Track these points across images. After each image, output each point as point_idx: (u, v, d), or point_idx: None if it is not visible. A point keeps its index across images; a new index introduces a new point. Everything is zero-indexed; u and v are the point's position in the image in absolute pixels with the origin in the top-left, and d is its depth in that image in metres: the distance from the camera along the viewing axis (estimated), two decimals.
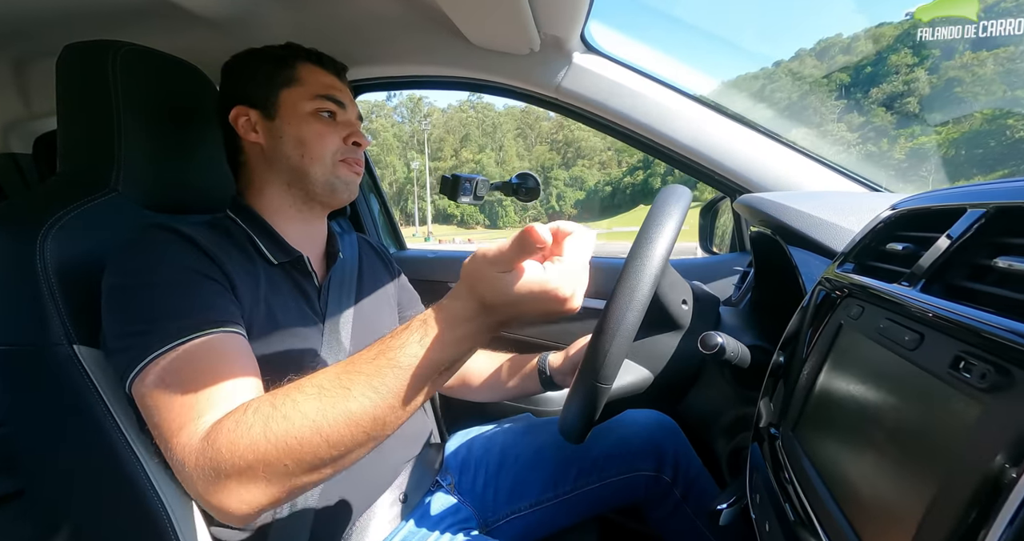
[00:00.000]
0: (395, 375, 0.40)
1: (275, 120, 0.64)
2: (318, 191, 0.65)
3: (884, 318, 0.32)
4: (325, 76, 0.66)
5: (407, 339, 0.40)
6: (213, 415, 0.42)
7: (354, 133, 0.66)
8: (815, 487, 0.33)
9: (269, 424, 0.39)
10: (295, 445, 0.39)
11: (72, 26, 0.84)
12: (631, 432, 0.77)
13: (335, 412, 0.39)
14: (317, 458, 0.39)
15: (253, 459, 0.39)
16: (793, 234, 0.59)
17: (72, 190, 0.59)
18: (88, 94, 0.61)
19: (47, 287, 0.52)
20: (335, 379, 0.40)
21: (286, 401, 0.40)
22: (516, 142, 79.77)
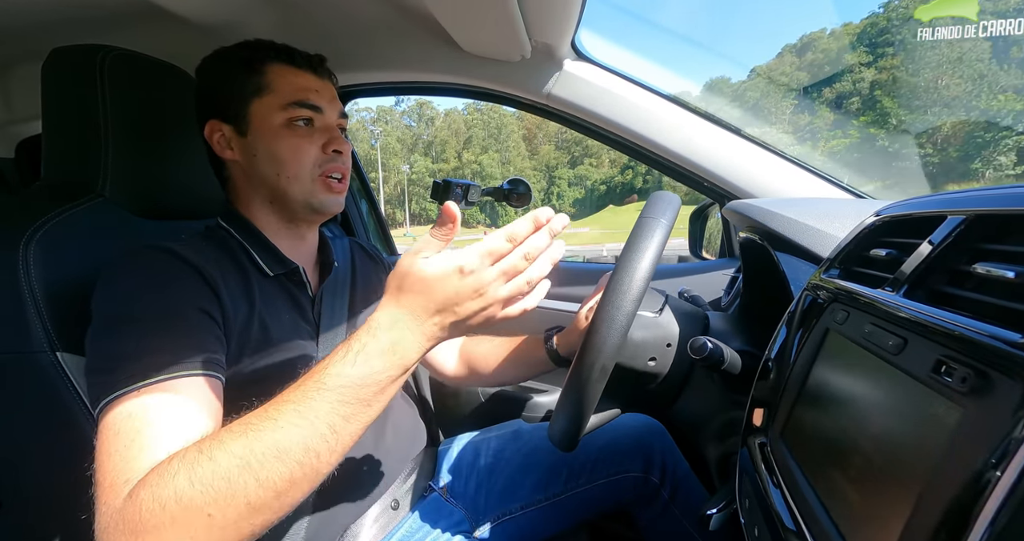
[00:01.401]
0: (322, 398, 0.37)
1: (248, 136, 0.59)
2: (298, 210, 0.61)
3: (869, 323, 0.33)
4: (298, 76, 0.60)
5: (332, 359, 0.39)
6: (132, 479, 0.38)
7: (333, 139, 0.61)
8: (803, 491, 0.33)
9: (194, 468, 0.36)
10: (223, 487, 0.35)
11: (56, 30, 0.84)
12: (620, 435, 0.77)
13: (262, 446, 0.36)
14: (248, 501, 0.36)
15: (178, 510, 0.35)
16: (780, 240, 0.59)
17: (57, 195, 0.58)
18: (75, 98, 0.61)
19: (29, 294, 0.51)
20: (262, 413, 0.38)
21: (213, 443, 0.37)
22: (522, 142, 79.71)
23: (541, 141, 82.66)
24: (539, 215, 0.42)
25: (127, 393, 0.42)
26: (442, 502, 0.71)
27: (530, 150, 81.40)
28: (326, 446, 0.37)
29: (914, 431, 0.26)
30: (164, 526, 0.35)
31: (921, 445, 0.25)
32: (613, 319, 0.43)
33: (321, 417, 0.37)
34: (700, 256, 1.17)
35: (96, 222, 0.58)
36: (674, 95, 0.93)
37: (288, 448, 0.36)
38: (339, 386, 0.38)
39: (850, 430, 0.32)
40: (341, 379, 0.38)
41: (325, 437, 0.37)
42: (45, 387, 0.52)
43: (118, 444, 0.40)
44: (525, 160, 78.59)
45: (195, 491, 0.35)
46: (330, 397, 0.37)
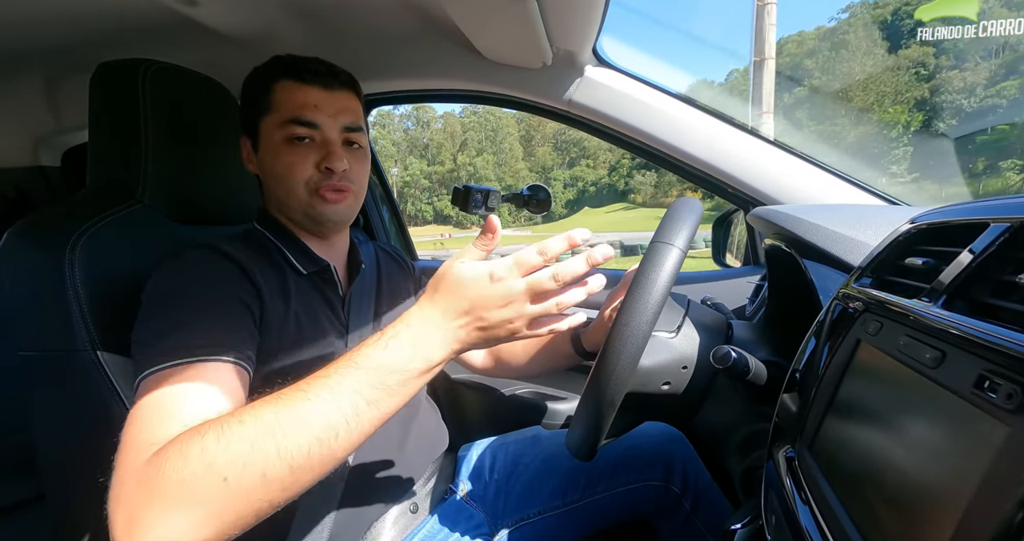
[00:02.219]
0: (351, 377, 0.39)
1: (259, 152, 0.63)
2: (302, 221, 0.63)
3: (904, 335, 0.32)
4: (300, 92, 0.60)
5: (366, 343, 0.41)
6: (149, 450, 0.39)
7: (329, 155, 0.60)
8: (833, 509, 0.32)
9: (223, 428, 0.37)
10: (245, 451, 0.36)
11: (100, 44, 0.88)
12: (640, 443, 0.76)
13: (288, 415, 0.38)
14: (264, 471, 0.36)
15: (199, 467, 0.36)
16: (808, 247, 0.58)
17: (100, 202, 0.61)
18: (119, 110, 0.64)
19: (74, 295, 0.54)
20: (295, 386, 0.40)
21: (245, 409, 0.39)
22: (519, 144, 79.76)
23: (539, 142, 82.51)
24: (573, 235, 0.42)
25: (160, 370, 0.45)
26: (462, 505, 0.71)
27: (527, 151, 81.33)
28: (346, 427, 0.38)
29: (955, 449, 0.24)
30: (181, 483, 0.35)
31: (963, 464, 0.23)
32: (621, 352, 0.42)
33: (347, 395, 0.39)
34: (724, 264, 1.15)
35: (135, 227, 0.61)
36: (697, 100, 0.92)
37: (311, 421, 0.38)
38: (369, 367, 0.39)
39: (884, 446, 0.30)
40: (371, 361, 0.40)
41: (347, 417, 0.38)
42: (87, 385, 0.54)
43: (145, 414, 0.42)
44: (520, 161, 78.51)
45: (219, 448, 0.36)
46: (359, 376, 0.39)
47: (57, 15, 0.80)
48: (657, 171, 72.87)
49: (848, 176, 0.85)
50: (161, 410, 0.42)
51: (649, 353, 0.53)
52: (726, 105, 1.45)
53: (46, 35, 0.87)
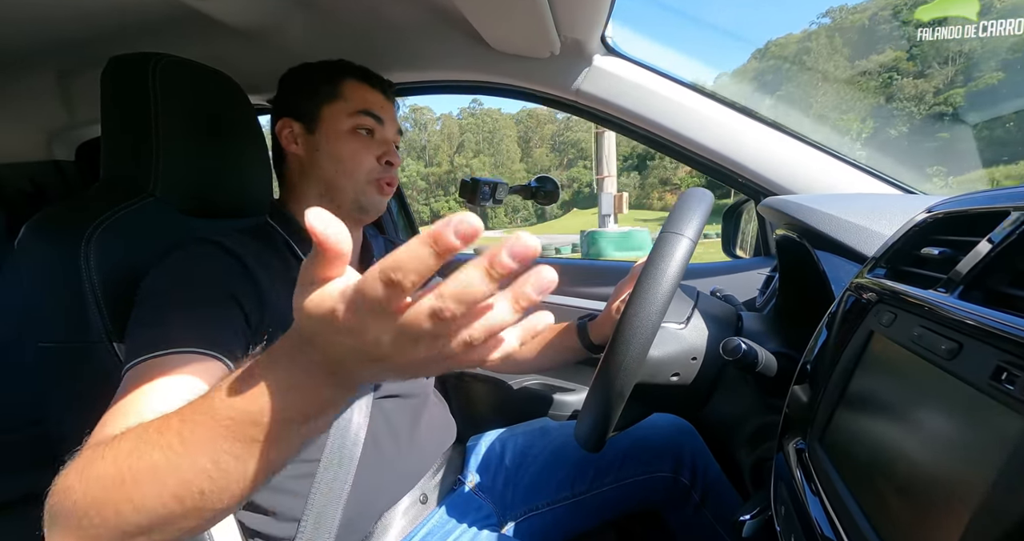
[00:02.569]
0: (207, 427, 0.30)
1: (315, 134, 0.66)
2: (348, 206, 0.66)
3: (918, 326, 0.31)
4: (369, 93, 0.68)
5: (229, 380, 0.31)
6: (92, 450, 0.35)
7: (389, 152, 0.67)
8: (844, 501, 0.32)
9: (92, 461, 0.32)
10: (99, 497, 0.31)
11: (111, 38, 0.89)
12: (649, 434, 0.76)
13: (141, 462, 0.31)
14: (118, 524, 0.31)
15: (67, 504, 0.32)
16: (821, 238, 0.57)
17: (113, 195, 0.62)
18: (130, 103, 0.64)
19: (90, 287, 0.55)
20: (161, 419, 0.32)
21: (116, 439, 0.32)
22: (516, 146, 79.42)
23: (536, 143, 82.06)
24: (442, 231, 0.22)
25: (139, 362, 0.44)
26: (471, 496, 0.72)
27: (524, 152, 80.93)
28: (211, 485, 0.30)
29: (970, 442, 0.24)
30: (62, 509, 0.32)
31: (978, 457, 0.23)
32: (630, 344, 0.42)
33: (203, 449, 0.30)
34: (734, 255, 1.13)
35: (146, 221, 0.62)
36: (708, 88, 0.90)
37: (164, 475, 0.30)
38: (227, 417, 0.30)
39: (897, 438, 0.30)
40: (230, 410, 0.30)
41: (208, 473, 0.30)
42: (103, 376, 0.56)
43: (111, 408, 0.41)
44: (517, 162, 78.15)
45: (81, 490, 0.32)
46: (215, 427, 0.30)
47: (68, 10, 0.81)
48: (640, 173, 72.33)
49: (863, 165, 0.83)
50: (125, 404, 0.40)
51: (658, 344, 0.53)
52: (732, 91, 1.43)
53: (58, 30, 0.87)
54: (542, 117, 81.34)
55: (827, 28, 67.58)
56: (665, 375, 0.54)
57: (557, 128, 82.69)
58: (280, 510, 0.58)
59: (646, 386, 0.54)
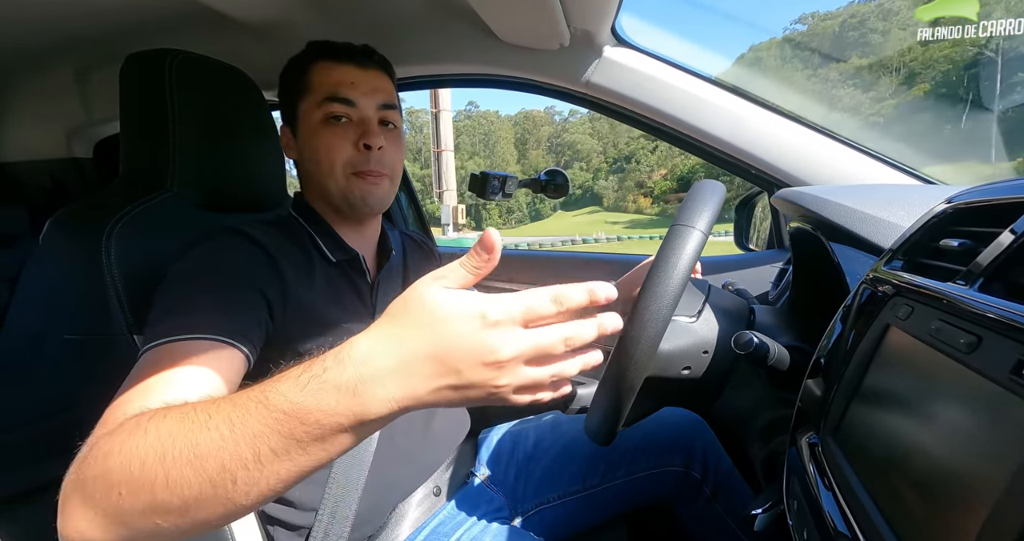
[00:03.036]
0: (258, 415, 0.30)
1: (298, 136, 0.64)
2: (339, 205, 0.64)
3: (937, 319, 0.30)
4: (335, 70, 0.61)
5: (288, 374, 0.31)
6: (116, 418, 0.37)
7: (365, 133, 0.60)
8: (858, 496, 0.31)
9: (129, 437, 0.32)
10: (136, 471, 0.31)
11: (128, 35, 0.90)
12: (660, 428, 0.76)
13: (184, 442, 0.31)
14: (152, 499, 0.31)
15: (100, 473, 0.32)
16: (836, 230, 0.56)
17: (131, 191, 0.63)
18: (147, 100, 0.65)
19: (111, 281, 0.57)
20: (207, 403, 0.33)
21: (158, 415, 0.33)
22: (515, 147, 79.25)
23: (532, 145, 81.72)
24: (598, 290, 0.32)
25: (159, 345, 0.45)
26: (483, 489, 0.73)
27: (521, 154, 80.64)
28: (245, 475, 0.30)
29: (990, 437, 0.24)
30: (91, 480, 0.33)
31: (997, 452, 0.23)
32: (641, 337, 0.42)
33: (248, 438, 0.30)
34: (746, 248, 1.12)
35: (164, 215, 0.63)
36: (720, 79, 0.89)
37: (205, 456, 0.31)
38: (279, 409, 0.30)
39: (913, 433, 0.29)
40: (283, 401, 0.30)
41: (246, 464, 0.30)
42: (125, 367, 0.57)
43: (127, 387, 0.42)
44: (513, 164, 77.92)
45: (116, 462, 0.32)
46: (266, 418, 0.30)
47: (85, 9, 0.82)
48: (619, 176, 71.60)
49: (881, 155, 0.81)
50: (145, 385, 0.40)
51: (669, 338, 0.53)
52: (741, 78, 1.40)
53: (75, 29, 0.89)
54: (539, 119, 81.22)
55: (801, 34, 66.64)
56: (676, 369, 0.53)
57: (554, 130, 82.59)
58: (299, 500, 0.60)
59: (657, 379, 0.53)
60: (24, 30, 0.86)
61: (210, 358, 0.45)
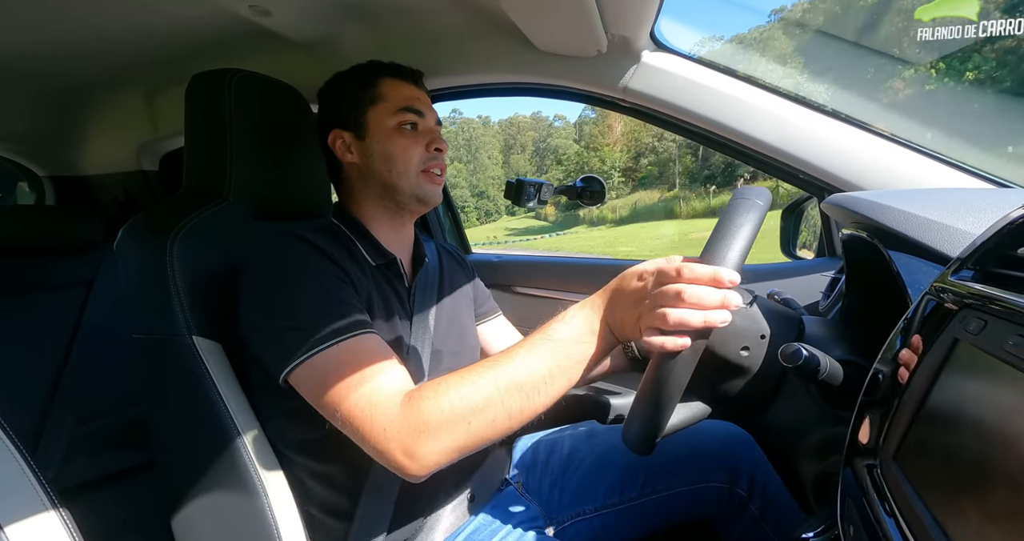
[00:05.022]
0: (546, 346, 0.49)
1: (365, 139, 0.69)
2: (406, 201, 0.70)
3: (1015, 334, 0.28)
4: (404, 88, 0.71)
5: (553, 321, 0.50)
6: (400, 390, 0.51)
7: (435, 139, 0.71)
8: (924, 523, 0.29)
9: (460, 387, 0.48)
10: (480, 404, 0.48)
11: (189, 57, 0.97)
12: (702, 441, 0.73)
13: (505, 378, 0.48)
14: (493, 418, 0.48)
15: (451, 415, 0.47)
16: (895, 237, 0.52)
17: (193, 202, 0.68)
18: (209, 116, 0.71)
19: (174, 285, 0.61)
20: (503, 354, 0.50)
21: (470, 372, 0.49)
22: (500, 152, 79.26)
23: (517, 150, 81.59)
24: (722, 274, 0.42)
25: (326, 348, 0.53)
26: (517, 496, 0.72)
27: (504, 158, 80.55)
28: (544, 388, 0.48)
29: None
30: (440, 426, 0.47)
31: None
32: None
33: (544, 360, 0.48)
34: (794, 255, 1.07)
35: (223, 223, 0.68)
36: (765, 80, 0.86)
37: (522, 381, 0.48)
38: (558, 339, 0.49)
39: (986, 456, 0.27)
40: (559, 334, 0.49)
41: (544, 379, 0.48)
42: (186, 366, 0.61)
43: (358, 376, 0.51)
44: (498, 167, 77.68)
45: (463, 403, 0.48)
46: (551, 346, 0.48)
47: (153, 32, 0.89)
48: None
49: (946, 157, 0.76)
50: (371, 371, 0.52)
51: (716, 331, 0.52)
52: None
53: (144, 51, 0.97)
54: (523, 124, 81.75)
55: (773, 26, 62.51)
56: (735, 347, 0.52)
57: (539, 135, 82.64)
58: (336, 504, 0.62)
59: (714, 360, 0.52)
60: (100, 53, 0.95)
61: (378, 346, 0.55)
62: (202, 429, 0.62)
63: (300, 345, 0.53)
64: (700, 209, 41.21)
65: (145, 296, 0.63)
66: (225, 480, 0.62)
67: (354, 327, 0.55)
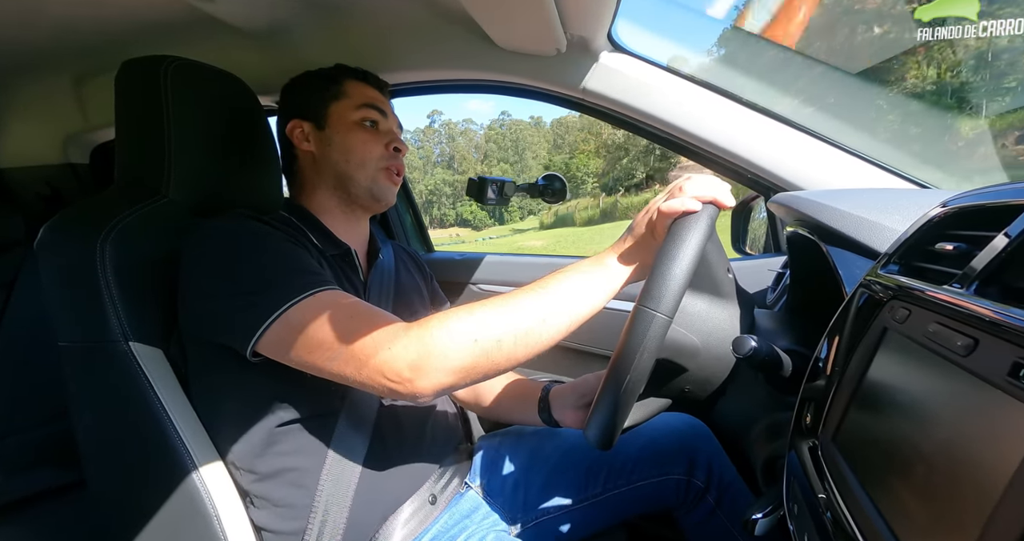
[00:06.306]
0: (555, 280, 0.51)
1: (325, 130, 0.70)
2: (360, 195, 0.70)
3: (933, 322, 0.31)
4: (368, 90, 0.73)
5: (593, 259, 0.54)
6: (399, 321, 0.50)
7: (395, 140, 0.72)
8: (858, 499, 0.31)
9: (472, 312, 0.49)
10: (488, 322, 0.48)
11: (123, 43, 0.90)
12: (661, 435, 0.75)
13: (512, 303, 0.50)
14: (499, 335, 0.48)
15: (458, 333, 0.48)
16: (832, 234, 0.56)
17: (128, 197, 0.63)
18: (142, 106, 0.66)
19: (106, 287, 0.56)
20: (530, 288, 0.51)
21: (480, 304, 0.50)
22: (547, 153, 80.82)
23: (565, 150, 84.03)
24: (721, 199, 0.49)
25: (310, 296, 0.51)
26: (478, 500, 0.71)
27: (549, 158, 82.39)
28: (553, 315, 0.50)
29: (988, 439, 0.24)
30: (447, 343, 0.47)
31: (996, 455, 0.23)
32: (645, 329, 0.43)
33: (552, 291, 0.51)
34: (743, 252, 1.12)
35: (161, 221, 0.63)
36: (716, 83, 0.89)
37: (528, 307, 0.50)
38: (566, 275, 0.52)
39: (912, 435, 0.30)
40: (565, 273, 0.52)
41: (551, 305, 0.50)
42: (120, 374, 0.57)
43: (351, 311, 0.51)
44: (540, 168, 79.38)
45: (471, 320, 0.49)
46: (558, 279, 0.51)
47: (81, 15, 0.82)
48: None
49: (876, 160, 0.82)
50: (362, 309, 0.51)
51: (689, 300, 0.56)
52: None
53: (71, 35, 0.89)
54: (571, 124, 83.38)
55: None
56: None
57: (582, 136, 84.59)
58: (289, 506, 0.59)
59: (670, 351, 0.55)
60: (21, 36, 0.86)
61: (350, 296, 0.54)
62: (142, 445, 0.58)
63: (275, 301, 0.50)
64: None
65: (72, 300, 0.58)
66: (170, 500, 0.58)
67: (327, 283, 0.53)
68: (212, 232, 0.57)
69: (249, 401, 0.59)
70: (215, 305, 0.54)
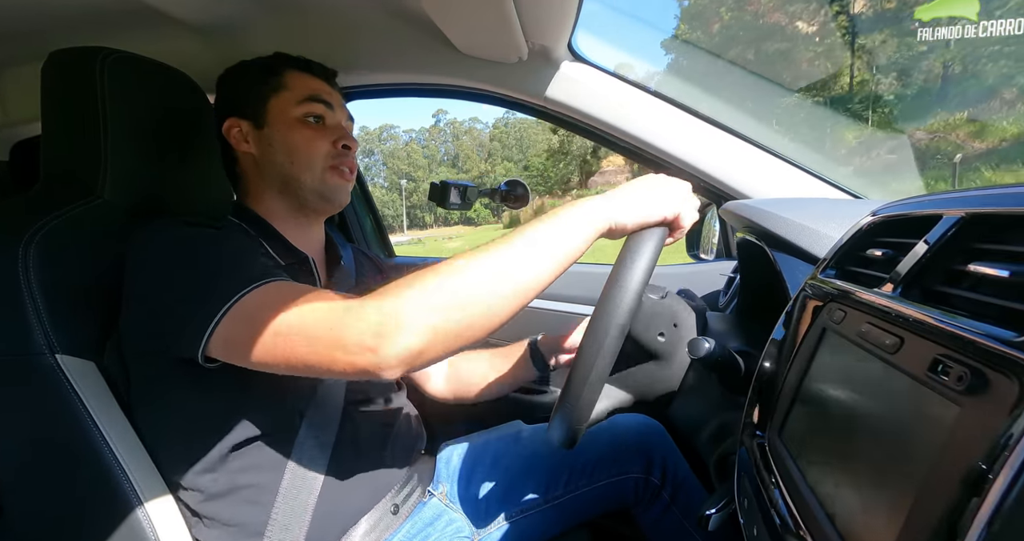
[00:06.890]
0: (551, 222, 0.47)
1: (264, 129, 0.64)
2: (309, 198, 0.65)
3: (865, 322, 0.33)
4: (312, 81, 0.67)
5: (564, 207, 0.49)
6: (355, 299, 0.45)
7: (343, 136, 0.66)
8: (801, 492, 0.33)
9: (422, 276, 0.44)
10: (442, 278, 0.43)
11: (53, 33, 0.83)
12: (620, 436, 0.77)
13: (468, 259, 0.45)
14: (470, 294, 0.43)
15: (416, 292, 0.43)
16: (777, 240, 0.60)
17: (56, 197, 0.58)
18: (74, 100, 0.60)
19: (29, 296, 0.51)
20: (494, 244, 0.47)
21: (447, 262, 0.45)
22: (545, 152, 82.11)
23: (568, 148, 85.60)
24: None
25: (252, 289, 0.47)
26: (442, 507, 0.71)
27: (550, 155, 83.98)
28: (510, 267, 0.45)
29: (912, 430, 0.26)
30: (406, 306, 0.42)
31: (919, 444, 0.25)
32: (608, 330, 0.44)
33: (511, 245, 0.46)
34: (697, 257, 1.17)
35: (96, 223, 0.58)
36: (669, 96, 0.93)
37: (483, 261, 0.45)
38: (562, 216, 0.48)
39: (848, 429, 0.32)
40: (563, 213, 0.48)
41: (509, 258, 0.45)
42: (47, 390, 0.52)
43: (305, 297, 0.45)
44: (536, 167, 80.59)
45: (423, 281, 0.43)
46: (556, 222, 0.47)
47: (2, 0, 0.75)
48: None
49: (815, 171, 0.88)
50: (318, 294, 0.46)
51: (644, 306, 0.58)
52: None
53: None
54: None
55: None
56: (653, 333, 0.57)
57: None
58: (244, 523, 0.56)
59: (634, 346, 0.56)
60: None
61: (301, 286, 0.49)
62: (73, 472, 0.53)
63: (224, 294, 0.46)
64: None
65: None
66: (105, 529, 0.53)
67: (279, 274, 0.50)
68: (158, 234, 0.53)
69: (201, 417, 0.55)
70: (161, 308, 0.50)
